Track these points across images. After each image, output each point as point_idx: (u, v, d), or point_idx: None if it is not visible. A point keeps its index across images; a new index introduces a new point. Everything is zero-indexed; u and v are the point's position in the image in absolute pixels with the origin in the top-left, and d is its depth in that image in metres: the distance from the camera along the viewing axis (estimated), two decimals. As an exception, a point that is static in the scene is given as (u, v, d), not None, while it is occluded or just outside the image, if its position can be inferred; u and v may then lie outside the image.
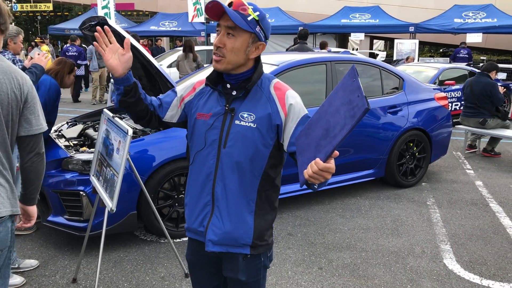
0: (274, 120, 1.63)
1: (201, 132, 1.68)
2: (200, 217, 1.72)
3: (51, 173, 3.54)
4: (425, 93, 5.33)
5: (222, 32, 1.59)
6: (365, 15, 16.41)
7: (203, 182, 1.69)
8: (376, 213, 4.43)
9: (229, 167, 1.65)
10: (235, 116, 1.64)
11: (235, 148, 1.63)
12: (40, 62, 3.39)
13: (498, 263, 3.45)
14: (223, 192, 1.67)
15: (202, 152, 1.69)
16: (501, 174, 5.76)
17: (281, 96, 1.66)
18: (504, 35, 16.68)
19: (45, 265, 3.39)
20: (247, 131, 1.62)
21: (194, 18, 15.86)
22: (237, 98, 1.66)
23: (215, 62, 1.62)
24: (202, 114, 1.70)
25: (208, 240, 1.70)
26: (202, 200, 1.71)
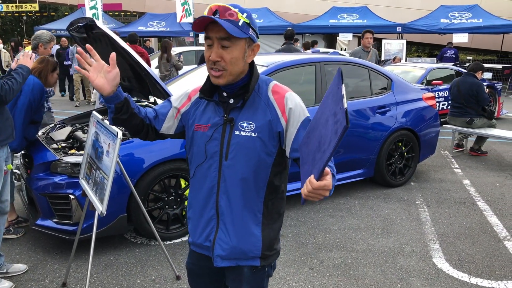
0: (275, 127, 1.57)
1: (201, 144, 1.62)
2: (205, 232, 1.67)
3: (40, 176, 3.50)
4: (413, 93, 5.38)
5: (215, 44, 1.50)
6: (353, 16, 16.52)
7: (206, 196, 1.64)
8: (366, 212, 4.46)
9: (232, 180, 1.59)
10: (234, 126, 1.57)
11: (237, 161, 1.57)
12: (26, 63, 3.35)
13: (486, 261, 3.50)
14: (227, 206, 1.61)
15: (203, 165, 1.62)
16: (488, 172, 5.85)
17: (280, 101, 1.59)
18: (489, 35, 16.95)
19: (34, 270, 3.35)
20: (248, 141, 1.56)
21: (182, 19, 15.80)
22: (235, 108, 1.58)
23: (215, 78, 1.54)
24: (200, 125, 1.63)
25: (217, 255, 1.66)
26: (206, 215, 1.65)
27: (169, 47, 8.70)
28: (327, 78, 4.67)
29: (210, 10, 1.48)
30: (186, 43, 20.31)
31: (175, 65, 8.70)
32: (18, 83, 3.04)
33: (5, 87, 2.92)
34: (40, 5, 29.62)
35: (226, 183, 1.60)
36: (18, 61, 3.39)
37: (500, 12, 16.17)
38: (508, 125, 8.63)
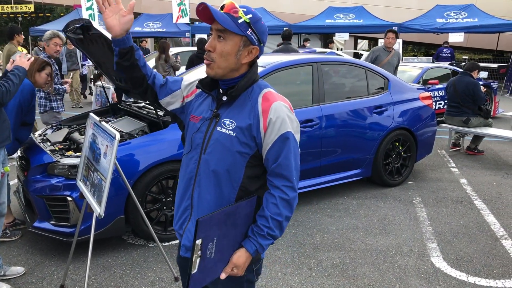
0: (253, 131, 1.56)
1: (189, 134, 1.69)
2: (180, 220, 1.71)
3: (37, 178, 3.49)
4: (410, 93, 5.39)
5: (213, 35, 1.57)
6: (349, 15, 16.55)
7: (185, 186, 1.68)
8: (364, 212, 4.47)
9: (206, 174, 1.61)
10: (218, 122, 1.61)
11: (213, 156, 1.60)
12: (22, 64, 3.32)
13: (483, 260, 3.51)
14: (198, 198, 1.64)
15: (188, 155, 1.69)
16: (485, 171, 5.87)
17: (266, 109, 1.56)
18: (485, 34, 17.01)
19: (31, 272, 3.34)
20: (225, 138, 1.58)
21: (179, 19, 15.79)
22: (224, 104, 1.63)
23: (206, 67, 1.60)
24: (194, 116, 1.70)
25: (183, 245, 1.70)
26: (183, 204, 1.70)
27: (167, 47, 8.69)
28: (324, 78, 4.68)
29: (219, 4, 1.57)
30: (183, 44, 20.29)
31: (172, 65, 8.69)
32: (15, 85, 3.03)
33: (1, 89, 2.91)
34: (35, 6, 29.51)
35: (201, 176, 1.63)
36: (14, 62, 3.38)
37: (496, 12, 16.23)
38: (504, 124, 8.67)
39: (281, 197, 1.56)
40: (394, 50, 7.12)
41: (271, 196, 1.58)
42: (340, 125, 4.63)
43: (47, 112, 5.31)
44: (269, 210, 1.57)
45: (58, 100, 5.27)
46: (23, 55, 3.40)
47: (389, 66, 6.91)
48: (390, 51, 7.03)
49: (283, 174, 1.57)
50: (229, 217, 1.53)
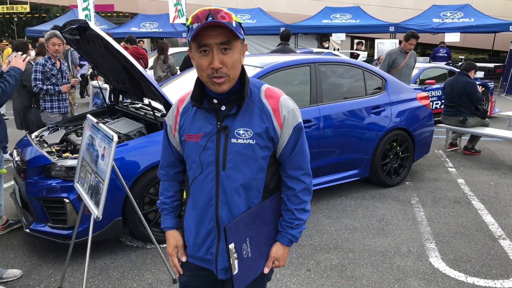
0: (271, 132, 1.55)
1: (194, 155, 1.56)
2: (205, 245, 1.63)
3: (34, 180, 3.47)
4: (407, 93, 5.40)
5: (215, 51, 1.42)
6: (345, 16, 16.57)
7: (204, 208, 1.59)
8: (362, 213, 4.47)
9: (233, 189, 1.55)
10: (230, 134, 1.52)
11: (237, 170, 1.53)
12: (18, 65, 3.30)
13: (482, 260, 3.52)
14: (229, 216, 1.56)
15: (199, 177, 1.58)
16: (482, 171, 5.88)
17: (275, 106, 1.54)
18: (481, 34, 17.07)
19: (28, 275, 3.32)
20: (246, 149, 1.52)
21: (175, 19, 15.76)
22: (229, 115, 1.52)
23: (217, 86, 1.47)
24: (191, 135, 1.57)
25: (221, 269, 1.62)
26: (205, 227, 1.61)
27: (165, 48, 8.68)
28: (321, 78, 4.68)
29: (203, 15, 1.40)
30: (179, 44, 20.26)
31: (170, 66, 8.67)
32: (11, 86, 3.01)
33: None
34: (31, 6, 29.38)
35: (226, 194, 1.55)
36: (10, 63, 3.35)
37: (492, 12, 16.29)
38: (501, 123, 8.69)
39: (301, 187, 1.63)
40: (411, 51, 6.88)
41: (290, 189, 1.64)
42: (338, 126, 4.63)
43: (42, 112, 5.32)
44: (292, 204, 1.64)
45: (54, 100, 5.26)
46: (19, 55, 3.38)
47: (407, 68, 6.75)
48: (407, 52, 6.80)
49: (298, 163, 1.62)
50: (257, 217, 1.60)
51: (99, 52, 3.90)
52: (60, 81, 5.27)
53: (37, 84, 5.09)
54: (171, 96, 3.82)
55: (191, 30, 1.42)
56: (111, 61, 3.89)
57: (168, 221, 1.76)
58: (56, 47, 5.10)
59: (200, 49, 1.44)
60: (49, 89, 5.15)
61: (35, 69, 5.10)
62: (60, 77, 5.27)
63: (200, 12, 1.42)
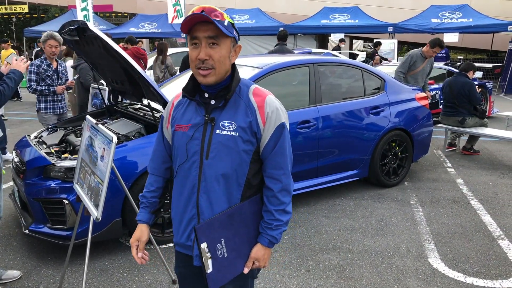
0: (254, 127, 1.62)
1: (181, 144, 1.66)
2: (187, 232, 1.70)
3: (33, 181, 3.47)
4: (406, 94, 5.40)
5: (203, 44, 1.55)
6: (344, 16, 16.58)
7: (188, 196, 1.67)
8: (361, 213, 4.47)
9: (213, 178, 1.62)
10: (215, 126, 1.61)
11: (219, 159, 1.61)
12: (19, 68, 3.30)
13: (480, 260, 3.52)
14: (207, 205, 1.64)
15: (184, 165, 1.67)
16: (481, 171, 5.89)
17: (261, 104, 1.63)
18: (479, 35, 17.10)
19: (28, 276, 3.31)
20: (229, 140, 1.60)
21: (174, 20, 15.77)
22: (217, 108, 1.62)
23: (202, 77, 1.58)
24: (181, 125, 1.68)
25: (196, 255, 1.68)
26: (187, 214, 1.69)
27: (164, 49, 8.70)
28: (320, 79, 4.68)
29: (198, 10, 1.52)
30: (178, 44, 20.26)
31: (168, 66, 8.69)
32: (10, 89, 3.01)
33: None
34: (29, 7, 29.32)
35: (207, 182, 1.63)
36: (10, 66, 3.35)
37: (490, 12, 16.32)
38: (500, 124, 8.70)
39: (279, 188, 1.67)
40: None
41: (269, 190, 1.68)
42: (337, 126, 4.63)
43: (38, 112, 5.34)
44: (271, 204, 1.67)
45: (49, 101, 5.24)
46: (20, 59, 3.37)
47: (423, 73, 6.59)
48: (426, 58, 6.57)
49: (278, 162, 1.66)
50: (234, 218, 1.63)
51: (98, 53, 3.90)
52: (56, 82, 5.27)
53: (31, 85, 5.11)
54: (170, 97, 3.82)
55: None
56: (110, 61, 3.88)
57: (142, 214, 1.83)
58: (53, 49, 5.11)
59: (192, 41, 1.57)
60: (44, 90, 5.15)
61: (30, 70, 5.12)
62: (55, 78, 5.27)
63: (197, 8, 1.54)
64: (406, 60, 6.51)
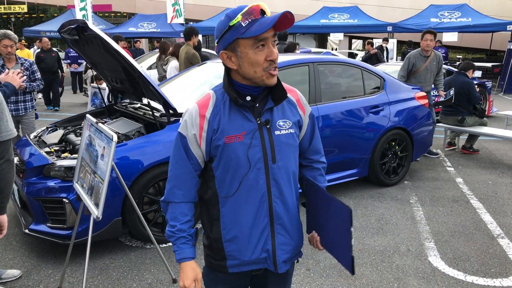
0: (301, 121, 1.66)
1: (240, 154, 1.52)
2: (260, 245, 1.59)
3: (32, 181, 3.46)
4: (406, 93, 5.41)
5: (270, 43, 1.47)
6: (343, 15, 16.59)
7: (257, 207, 1.56)
8: (361, 212, 4.48)
9: (285, 180, 1.58)
10: (272, 128, 1.55)
11: (287, 160, 1.58)
12: (13, 82, 3.23)
13: (480, 259, 3.53)
14: (282, 208, 1.59)
15: (248, 176, 1.53)
16: (480, 170, 5.90)
17: (297, 97, 1.66)
18: (479, 34, 17.12)
19: (28, 275, 3.31)
20: (289, 138, 1.59)
21: (173, 19, 15.76)
22: (267, 109, 1.55)
23: (272, 78, 1.49)
24: (233, 136, 1.52)
25: (282, 261, 1.62)
26: (258, 226, 1.57)
27: (167, 48, 8.73)
28: (320, 78, 4.68)
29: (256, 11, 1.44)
30: (177, 44, 20.23)
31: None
32: None
33: None
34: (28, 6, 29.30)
35: (279, 186, 1.57)
36: (5, 78, 3.28)
37: (489, 11, 16.34)
38: (499, 123, 8.71)
39: (323, 167, 1.80)
40: (434, 52, 6.21)
41: (316, 170, 1.77)
42: (336, 125, 4.63)
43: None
44: (321, 183, 1.75)
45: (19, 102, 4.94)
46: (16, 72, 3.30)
47: (427, 72, 6.13)
48: (428, 55, 6.14)
49: (317, 147, 1.76)
50: None
51: (98, 52, 3.90)
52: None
53: None
54: (170, 96, 3.82)
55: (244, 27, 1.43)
56: (110, 61, 3.88)
57: (187, 251, 1.57)
58: (9, 49, 4.71)
59: (259, 43, 1.46)
60: None
61: None
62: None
63: (251, 9, 1.44)
64: (405, 63, 6.27)
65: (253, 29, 1.42)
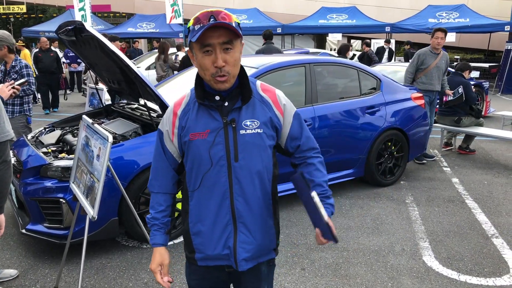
0: (274, 122, 1.64)
1: (202, 152, 1.58)
2: (221, 241, 1.64)
3: (30, 181, 3.48)
4: (402, 93, 5.43)
5: (217, 50, 1.48)
6: (342, 16, 16.63)
7: (218, 203, 1.61)
8: (357, 212, 4.50)
9: (248, 179, 1.60)
10: (237, 127, 1.57)
11: (250, 159, 1.59)
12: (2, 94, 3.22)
13: (474, 259, 3.56)
14: (245, 207, 1.61)
15: (210, 173, 1.59)
16: (476, 170, 5.92)
17: (274, 98, 1.66)
18: (476, 34, 17.16)
19: (24, 275, 3.33)
20: (255, 138, 1.59)
21: (172, 20, 15.77)
22: (234, 109, 1.58)
23: (220, 84, 1.52)
24: (197, 133, 1.59)
25: (242, 259, 1.64)
26: (220, 223, 1.62)
27: (166, 48, 8.79)
28: (317, 79, 4.71)
29: (205, 17, 1.46)
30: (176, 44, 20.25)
31: (171, 66, 8.78)
32: None
33: None
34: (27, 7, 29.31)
35: (241, 184, 1.60)
36: None
37: (487, 12, 16.38)
38: (496, 123, 8.75)
39: (319, 161, 1.77)
40: (442, 52, 6.21)
41: (311, 165, 1.75)
42: (333, 126, 4.66)
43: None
44: (318, 178, 1.73)
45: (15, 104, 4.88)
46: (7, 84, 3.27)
47: (437, 70, 6.09)
48: (438, 53, 6.12)
49: (311, 145, 1.75)
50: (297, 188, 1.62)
51: (95, 53, 3.92)
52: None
53: None
54: (167, 97, 3.84)
55: (194, 31, 1.48)
56: (107, 62, 3.90)
57: (158, 237, 1.71)
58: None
59: (204, 49, 1.49)
60: None
61: None
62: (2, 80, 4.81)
63: (202, 14, 1.48)
64: (414, 59, 6.21)
65: (195, 34, 1.46)
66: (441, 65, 6.14)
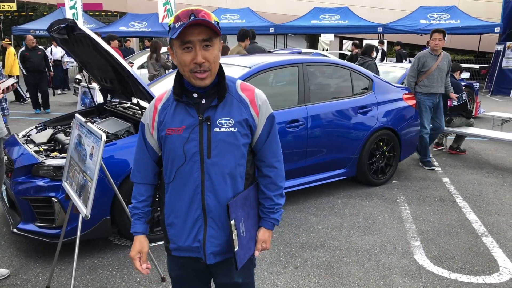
0: (250, 121, 1.67)
1: (177, 147, 1.63)
2: (192, 234, 1.69)
3: (21, 180, 3.46)
4: (394, 93, 5.47)
5: (197, 47, 1.53)
6: (334, 16, 16.68)
7: (190, 198, 1.66)
8: (349, 211, 4.53)
9: (219, 177, 1.63)
10: (212, 124, 1.61)
11: (222, 156, 1.62)
12: None
13: (464, 257, 3.60)
14: (215, 203, 1.65)
15: (183, 167, 1.64)
16: (467, 170, 5.99)
17: (251, 97, 1.69)
18: (467, 36, 17.29)
19: (16, 274, 3.31)
20: (229, 136, 1.62)
21: (164, 19, 15.73)
22: (210, 107, 1.62)
23: (200, 80, 1.57)
24: (173, 129, 1.64)
25: (210, 253, 1.70)
26: (191, 216, 1.68)
27: (158, 47, 8.74)
28: (309, 79, 4.73)
29: (185, 15, 1.51)
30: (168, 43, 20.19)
31: (163, 65, 8.75)
32: None
33: None
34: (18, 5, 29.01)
35: (212, 181, 1.64)
36: None
37: (477, 13, 16.54)
38: (486, 123, 8.84)
39: (276, 174, 1.77)
40: (443, 52, 6.00)
41: (267, 177, 1.77)
42: (325, 125, 4.68)
43: None
44: (270, 191, 1.77)
45: None
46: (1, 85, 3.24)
47: (439, 72, 5.90)
48: (438, 54, 5.93)
49: (273, 150, 1.76)
50: (247, 200, 1.70)
51: (87, 51, 3.90)
52: None
53: None
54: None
55: (174, 29, 1.53)
56: (99, 60, 3.89)
57: (138, 226, 1.78)
58: None
59: (184, 46, 1.54)
60: None
61: None
62: None
63: (182, 13, 1.53)
64: (414, 63, 6.00)
65: (176, 31, 1.51)
66: (443, 67, 5.95)
